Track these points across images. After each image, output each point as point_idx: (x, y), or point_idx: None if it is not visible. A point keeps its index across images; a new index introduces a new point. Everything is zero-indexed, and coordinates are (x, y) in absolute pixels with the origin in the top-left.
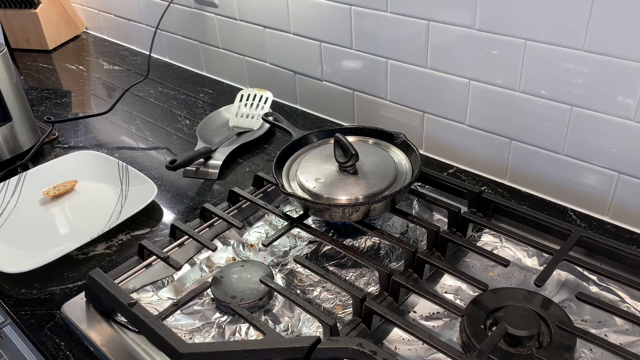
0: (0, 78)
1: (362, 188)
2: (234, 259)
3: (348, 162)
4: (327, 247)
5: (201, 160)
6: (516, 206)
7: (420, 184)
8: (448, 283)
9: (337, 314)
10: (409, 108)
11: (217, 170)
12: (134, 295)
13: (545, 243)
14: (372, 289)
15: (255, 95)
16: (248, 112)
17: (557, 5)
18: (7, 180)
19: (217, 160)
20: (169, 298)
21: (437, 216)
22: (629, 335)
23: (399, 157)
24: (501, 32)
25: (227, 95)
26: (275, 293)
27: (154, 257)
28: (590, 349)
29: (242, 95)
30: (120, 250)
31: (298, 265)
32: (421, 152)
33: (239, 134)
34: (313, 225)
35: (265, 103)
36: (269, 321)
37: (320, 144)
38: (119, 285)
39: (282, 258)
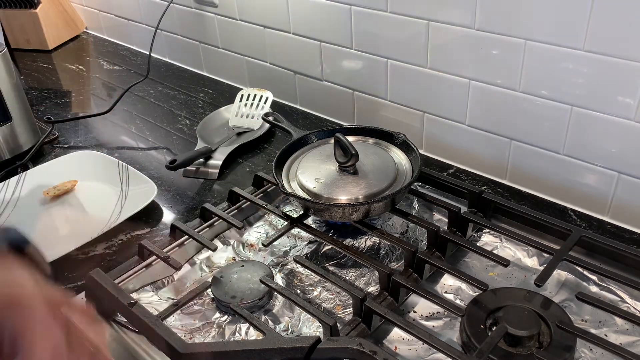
0: (0, 78)
1: (362, 188)
2: (234, 259)
3: (348, 162)
4: (327, 247)
5: (201, 160)
6: (516, 206)
7: (420, 184)
8: (448, 283)
9: (337, 314)
10: (409, 108)
11: (217, 170)
12: (134, 295)
13: (545, 243)
14: (372, 289)
15: (255, 95)
16: (248, 112)
17: (557, 5)
18: (7, 180)
19: (217, 160)
20: (169, 298)
21: (437, 216)
22: (629, 335)
23: (399, 157)
24: (501, 32)
25: (227, 95)
26: (275, 293)
27: (154, 257)
28: (591, 349)
29: (242, 95)
30: (120, 250)
31: (298, 265)
32: (421, 152)
33: (239, 134)
34: (313, 225)
35: (265, 103)
36: (269, 321)
37: (320, 144)
38: (119, 285)
39: (282, 258)
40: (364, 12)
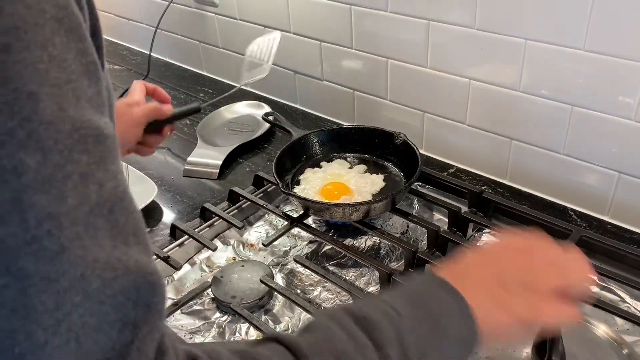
0: None
1: None
2: (234, 259)
3: None
4: (327, 247)
5: (201, 160)
6: (516, 206)
7: (420, 183)
8: None
9: None
10: (409, 108)
11: (217, 170)
12: None
13: None
14: (372, 289)
15: (262, 43)
16: (257, 60)
17: (557, 4)
18: None
19: (217, 160)
20: (169, 298)
21: (437, 216)
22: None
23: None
24: (501, 32)
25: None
26: (275, 293)
27: (154, 256)
28: None
29: (251, 50)
30: None
31: (298, 265)
32: (421, 151)
33: (239, 134)
34: (313, 225)
35: (273, 44)
36: (269, 321)
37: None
38: None
39: (282, 258)
40: (364, 11)
